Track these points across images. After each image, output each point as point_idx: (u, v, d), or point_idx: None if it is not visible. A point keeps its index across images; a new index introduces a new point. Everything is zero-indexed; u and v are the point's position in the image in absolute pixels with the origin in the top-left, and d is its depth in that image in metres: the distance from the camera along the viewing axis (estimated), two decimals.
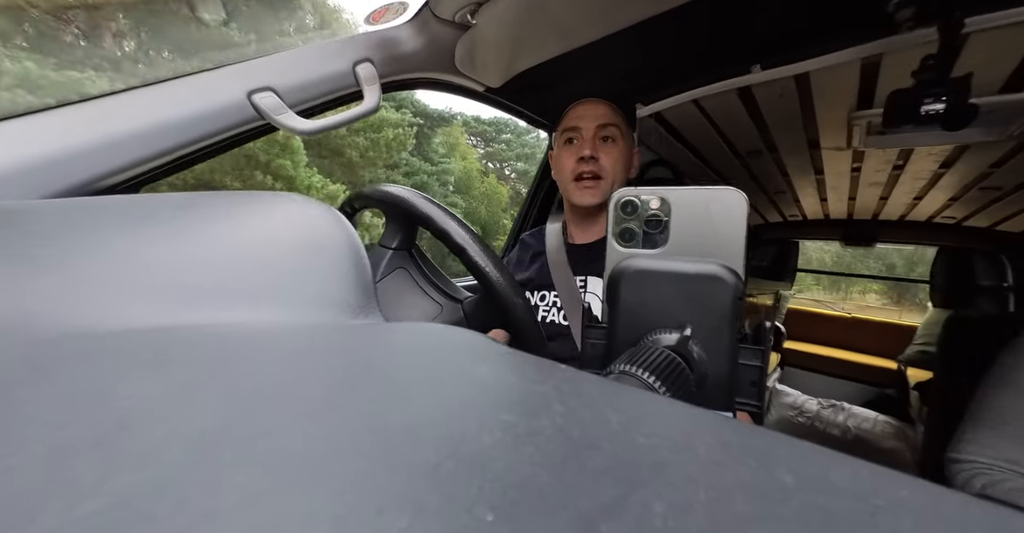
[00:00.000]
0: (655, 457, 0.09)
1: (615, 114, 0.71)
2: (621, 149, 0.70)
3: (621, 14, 0.63)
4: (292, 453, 0.08)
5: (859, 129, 1.08)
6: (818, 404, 2.03)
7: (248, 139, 0.52)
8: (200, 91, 0.47)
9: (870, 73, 0.83)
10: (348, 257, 0.23)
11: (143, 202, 0.24)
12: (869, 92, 0.91)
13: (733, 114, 1.06)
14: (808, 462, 0.10)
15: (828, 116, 1.05)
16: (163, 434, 0.08)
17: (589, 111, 0.70)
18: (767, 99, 0.97)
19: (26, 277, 0.16)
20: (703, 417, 0.12)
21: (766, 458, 0.10)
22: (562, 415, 0.11)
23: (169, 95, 0.45)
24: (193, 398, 0.10)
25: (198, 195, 0.26)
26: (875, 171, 1.47)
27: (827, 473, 0.09)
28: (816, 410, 2.00)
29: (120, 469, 0.07)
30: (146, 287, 0.17)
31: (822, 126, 1.12)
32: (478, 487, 0.07)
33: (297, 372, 0.12)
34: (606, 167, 0.69)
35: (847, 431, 1.86)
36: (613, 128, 0.69)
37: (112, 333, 0.14)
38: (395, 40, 0.61)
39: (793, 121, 1.09)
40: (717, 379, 0.23)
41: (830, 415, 1.95)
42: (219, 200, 0.25)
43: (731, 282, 0.22)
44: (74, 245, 0.19)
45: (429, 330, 0.17)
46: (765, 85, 0.86)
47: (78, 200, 0.25)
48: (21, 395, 0.10)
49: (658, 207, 0.25)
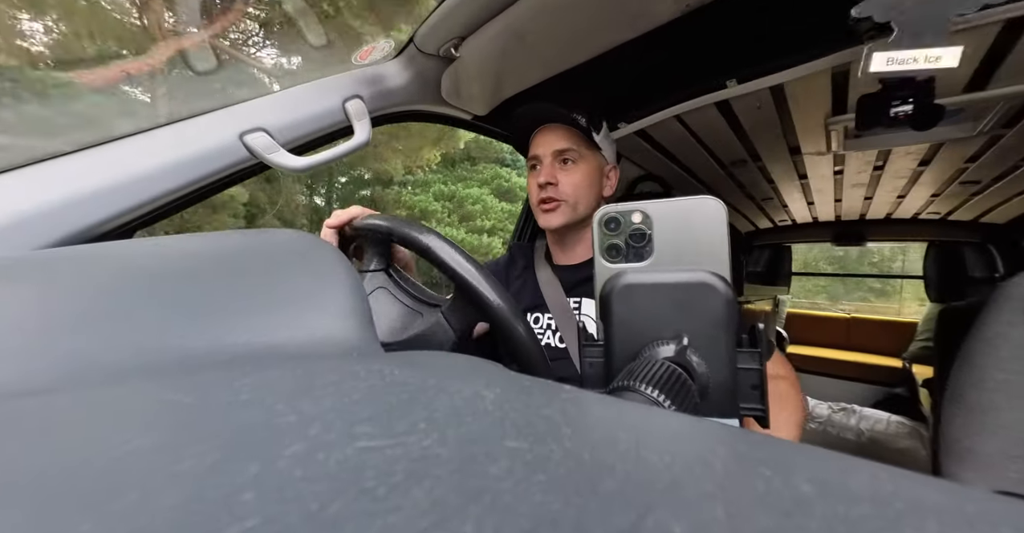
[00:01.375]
0: (669, 475, 0.09)
1: (573, 137, 0.71)
2: (584, 170, 0.71)
3: (598, 40, 0.66)
4: (292, 486, 0.08)
5: (837, 133, 1.11)
6: (829, 408, 2.00)
7: (241, 179, 0.53)
8: (193, 135, 0.48)
9: (841, 80, 0.87)
10: (345, 289, 0.23)
11: (138, 247, 0.24)
12: (842, 98, 0.95)
13: (714, 126, 1.10)
14: (825, 469, 0.10)
15: (806, 123, 1.09)
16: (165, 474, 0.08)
17: (547, 137, 0.72)
18: (746, 110, 1.01)
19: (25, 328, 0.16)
20: (713, 429, 0.12)
21: (782, 468, 0.10)
22: (570, 438, 0.10)
23: (163, 140, 0.46)
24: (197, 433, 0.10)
25: (192, 237, 0.26)
26: (857, 173, 1.51)
27: (846, 480, 0.09)
28: (827, 414, 1.96)
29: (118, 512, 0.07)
30: (144, 335, 0.17)
31: (801, 133, 1.15)
32: (488, 521, 0.07)
33: (298, 407, 0.11)
34: (565, 190, 0.70)
35: (860, 434, 1.83)
36: (571, 152, 0.70)
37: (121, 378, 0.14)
38: (383, 76, 0.64)
39: (773, 130, 1.13)
40: (719, 386, 0.22)
41: (842, 419, 1.92)
42: (216, 240, 0.25)
43: (720, 288, 0.23)
44: (67, 294, 0.19)
45: (429, 358, 0.17)
46: (742, 98, 0.89)
47: (73, 249, 0.25)
48: None
49: (640, 221, 0.25)
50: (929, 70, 0.54)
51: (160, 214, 0.46)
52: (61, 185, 0.39)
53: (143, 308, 0.18)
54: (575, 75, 0.73)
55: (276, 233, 0.27)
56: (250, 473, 0.08)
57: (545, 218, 0.72)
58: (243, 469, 0.08)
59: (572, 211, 0.71)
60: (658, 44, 0.67)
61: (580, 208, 0.71)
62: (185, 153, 0.46)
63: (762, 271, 2.58)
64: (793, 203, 1.94)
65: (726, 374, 0.22)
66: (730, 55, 0.78)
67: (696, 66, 0.82)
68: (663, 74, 0.85)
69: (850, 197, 1.81)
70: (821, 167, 1.44)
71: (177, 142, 0.46)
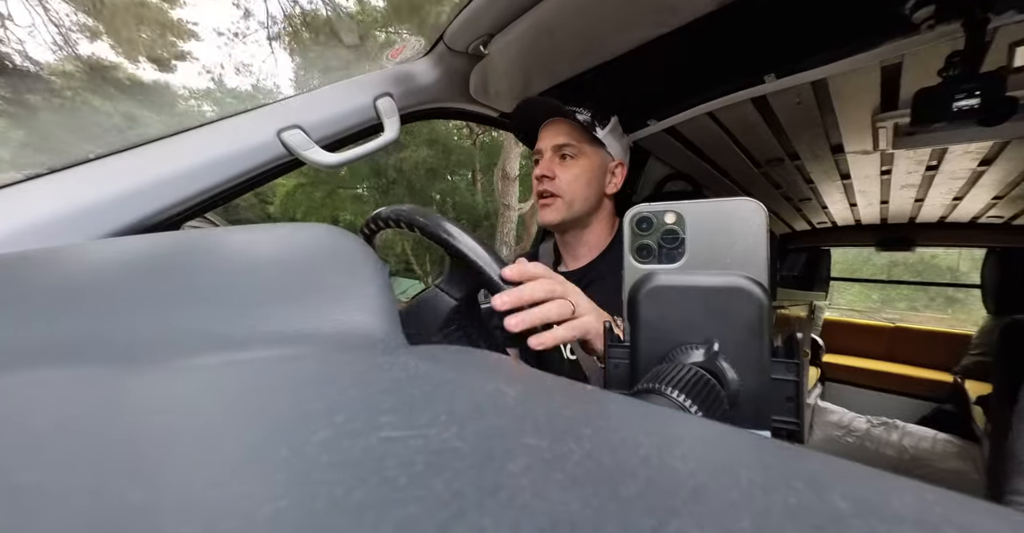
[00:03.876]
0: (692, 482, 0.09)
1: (574, 132, 0.69)
2: (582, 166, 0.69)
3: (628, 36, 0.64)
4: (319, 471, 0.08)
5: (885, 131, 1.05)
6: (867, 422, 1.88)
7: (277, 174, 0.55)
8: (235, 132, 0.50)
9: (892, 74, 0.81)
10: (372, 282, 0.23)
11: (184, 238, 0.26)
12: (892, 93, 0.89)
13: (749, 123, 1.05)
14: (863, 486, 0.09)
15: (851, 120, 1.03)
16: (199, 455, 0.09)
17: (549, 131, 0.70)
18: (784, 107, 0.96)
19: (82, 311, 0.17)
20: (741, 438, 0.12)
21: (815, 482, 0.09)
22: (590, 439, 0.10)
23: (208, 137, 0.49)
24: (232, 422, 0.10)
25: (231, 230, 0.28)
26: (907, 173, 1.41)
27: (886, 498, 0.09)
28: (866, 429, 1.85)
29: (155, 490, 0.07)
30: (187, 320, 0.18)
31: (845, 130, 1.09)
32: (505, 517, 0.07)
33: (326, 395, 0.12)
34: (561, 185, 0.68)
35: (903, 451, 1.72)
36: (570, 147, 0.69)
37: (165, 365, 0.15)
38: (412, 74, 0.65)
39: (813, 127, 1.07)
40: (750, 396, 0.22)
41: (882, 434, 1.81)
42: (252, 234, 0.26)
43: (756, 294, 0.22)
44: (121, 281, 0.20)
45: (451, 353, 0.17)
46: (781, 93, 0.85)
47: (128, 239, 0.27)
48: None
49: (674, 222, 0.25)
50: None
51: (204, 208, 0.49)
52: (118, 180, 0.42)
53: (187, 296, 0.19)
54: (603, 72, 0.72)
55: (307, 227, 0.28)
56: (282, 456, 0.09)
57: (542, 213, 0.71)
58: (276, 452, 0.09)
59: (568, 207, 0.69)
60: (691, 39, 0.65)
61: (577, 205, 0.69)
62: (228, 150, 0.48)
63: (798, 275, 2.46)
64: (834, 204, 1.84)
65: (759, 384, 0.22)
66: (769, 49, 0.75)
67: (732, 61, 0.79)
68: (696, 70, 0.82)
69: (899, 199, 1.70)
70: (866, 167, 1.36)
71: (220, 139, 0.49)
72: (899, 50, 0.67)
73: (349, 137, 0.60)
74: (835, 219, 2.13)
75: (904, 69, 0.79)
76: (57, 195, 0.39)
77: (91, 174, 0.42)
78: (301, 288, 0.21)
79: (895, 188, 1.56)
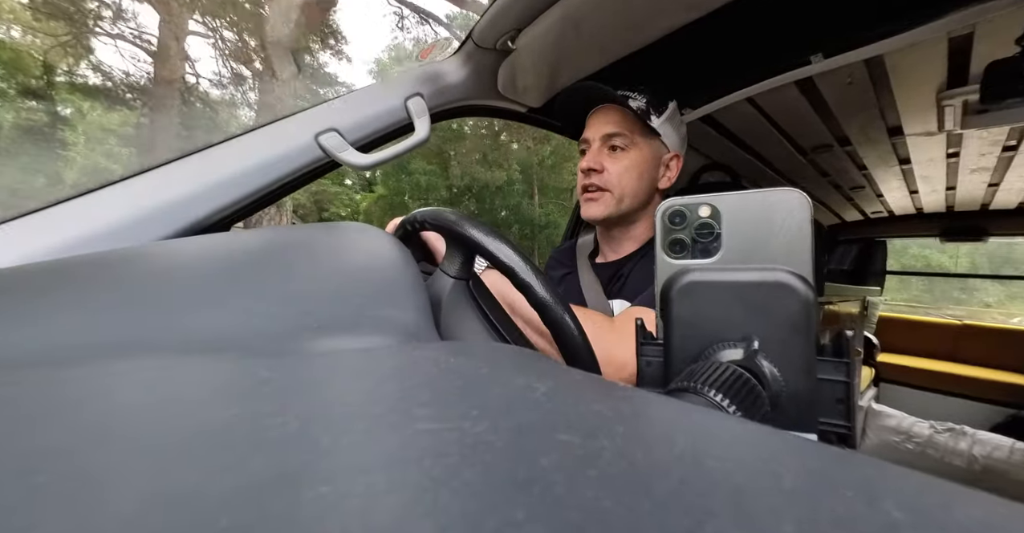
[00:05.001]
0: (730, 484, 0.09)
1: (626, 120, 0.64)
2: (634, 158, 0.64)
3: (661, 22, 0.62)
4: (358, 459, 0.08)
5: (952, 110, 0.95)
6: (931, 428, 1.73)
7: (315, 176, 0.57)
8: (276, 137, 0.53)
9: (961, 46, 0.73)
10: (406, 280, 0.24)
11: (233, 239, 0.28)
12: (961, 67, 0.80)
13: (793, 108, 0.99)
14: (923, 496, 0.09)
15: (911, 99, 0.94)
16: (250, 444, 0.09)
17: (598, 119, 0.66)
18: (833, 88, 0.90)
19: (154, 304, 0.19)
20: (785, 440, 0.11)
21: (867, 489, 0.09)
22: (623, 436, 0.10)
23: (252, 143, 0.51)
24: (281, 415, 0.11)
25: (276, 230, 0.30)
26: (979, 155, 1.28)
27: (950, 510, 0.08)
28: (928, 435, 1.71)
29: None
30: (237, 315, 0.20)
31: (904, 111, 1.00)
32: (538, 511, 0.07)
33: (363, 388, 0.12)
34: (610, 179, 0.64)
35: (973, 461, 1.57)
36: (622, 137, 0.64)
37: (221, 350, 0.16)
38: (442, 73, 0.66)
39: (867, 109, 0.99)
40: (794, 397, 0.20)
41: (948, 441, 1.66)
42: (295, 233, 0.28)
43: (799, 289, 0.20)
44: (181, 279, 0.22)
45: (483, 349, 0.18)
46: (830, 74, 0.79)
47: (186, 240, 0.29)
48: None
49: (708, 215, 0.24)
50: None
51: (251, 209, 0.52)
52: (176, 186, 0.46)
53: (237, 293, 0.21)
54: (635, 60, 0.70)
55: (346, 226, 0.29)
56: (323, 444, 0.09)
57: (586, 208, 0.67)
58: (318, 440, 0.09)
59: (616, 203, 0.65)
60: (728, 21, 0.61)
61: (627, 200, 0.65)
62: (271, 154, 0.51)
63: (848, 269, 2.30)
64: (891, 192, 1.70)
65: (804, 384, 0.20)
66: (815, 27, 0.70)
67: (773, 43, 0.74)
68: (734, 54, 0.77)
69: (968, 184, 1.55)
70: (930, 150, 1.24)
71: (264, 144, 0.52)
72: (971, 18, 0.60)
73: (382, 138, 0.61)
74: (892, 208, 1.96)
75: (976, 39, 0.71)
76: (125, 201, 0.43)
77: (153, 181, 0.45)
78: (340, 284, 0.22)
79: (964, 172, 1.42)
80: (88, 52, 7.94)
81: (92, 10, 7.88)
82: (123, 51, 7.82)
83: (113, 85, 8.63)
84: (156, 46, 7.35)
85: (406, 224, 0.46)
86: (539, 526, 0.07)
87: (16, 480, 0.08)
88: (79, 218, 0.40)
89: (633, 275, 0.66)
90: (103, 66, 8.29)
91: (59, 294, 0.20)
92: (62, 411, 0.11)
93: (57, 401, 0.12)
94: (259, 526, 0.07)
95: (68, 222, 0.40)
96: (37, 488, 0.08)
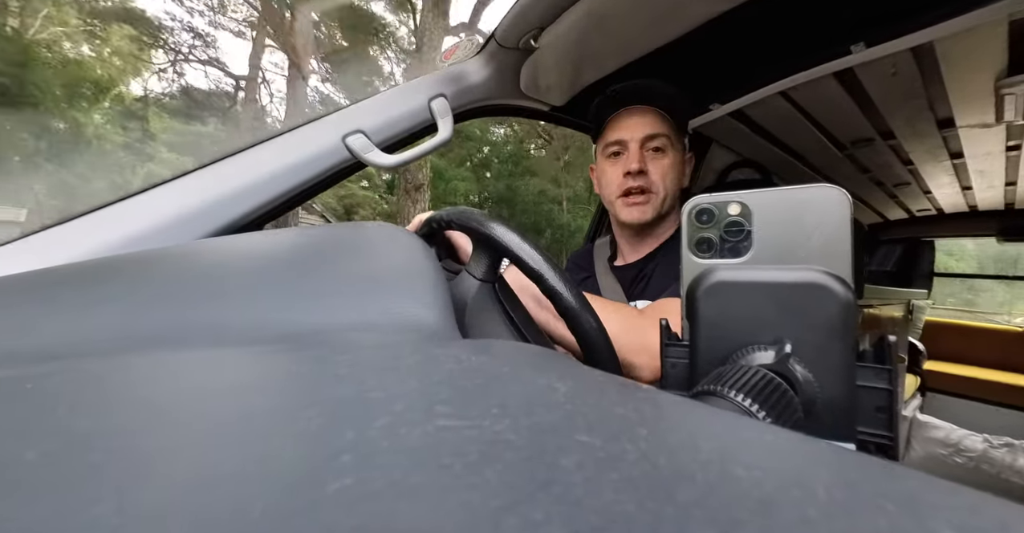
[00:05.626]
0: (759, 493, 0.08)
1: (664, 122, 0.65)
2: (672, 160, 0.65)
3: (689, 14, 0.60)
4: (380, 454, 0.09)
5: (1013, 99, 0.88)
6: (985, 441, 1.61)
7: (342, 177, 0.59)
8: (305, 139, 0.55)
9: (1023, 30, 0.68)
10: (428, 278, 0.24)
11: (265, 238, 0.29)
12: (1021, 53, 0.74)
13: (831, 101, 0.94)
14: (978, 514, 0.08)
15: (965, 89, 0.88)
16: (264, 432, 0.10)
17: (635, 120, 0.65)
18: (875, 79, 0.85)
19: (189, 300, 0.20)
20: (820, 448, 0.11)
21: (912, 504, 0.08)
22: (646, 439, 0.10)
23: (283, 145, 0.53)
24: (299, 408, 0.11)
25: (304, 229, 0.31)
26: None
27: (1004, 530, 0.07)
28: (982, 449, 1.59)
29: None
30: (269, 311, 0.20)
31: (957, 101, 0.93)
32: (558, 512, 0.07)
33: (385, 384, 0.12)
34: (655, 180, 0.64)
35: None
36: (662, 138, 0.64)
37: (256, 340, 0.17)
38: (465, 73, 0.66)
39: (914, 99, 0.93)
40: (830, 404, 0.19)
41: (1005, 457, 1.54)
42: (323, 232, 0.29)
43: (837, 290, 0.19)
44: (220, 276, 0.23)
45: (503, 347, 0.18)
46: (872, 64, 0.75)
47: (223, 239, 0.30)
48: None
49: (738, 213, 0.23)
50: None
51: (283, 209, 0.54)
52: (213, 188, 0.48)
53: (269, 289, 0.22)
54: (661, 56, 0.68)
55: (370, 226, 0.30)
56: (347, 438, 0.09)
57: (631, 212, 0.65)
58: (342, 434, 0.10)
59: (661, 205, 0.65)
60: (761, 11, 0.59)
61: (668, 202, 0.66)
62: (301, 156, 0.53)
63: (891, 270, 2.17)
64: (940, 188, 1.59)
65: (841, 391, 0.19)
66: (856, 15, 0.66)
67: (810, 33, 0.70)
68: (767, 46, 0.74)
69: None
70: (986, 142, 1.15)
71: (294, 146, 0.54)
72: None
73: (406, 139, 0.62)
74: (941, 205, 1.84)
75: None
76: (167, 203, 0.45)
77: (192, 184, 0.48)
78: (364, 282, 0.23)
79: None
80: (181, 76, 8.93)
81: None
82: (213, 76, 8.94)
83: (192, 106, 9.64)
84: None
85: (431, 222, 0.46)
86: (559, 527, 0.07)
87: (75, 458, 0.08)
88: (126, 219, 0.43)
89: (656, 274, 0.65)
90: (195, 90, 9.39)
91: (113, 288, 0.21)
92: (109, 397, 0.12)
93: (106, 387, 0.12)
94: (288, 515, 0.07)
95: (116, 223, 0.43)
96: (95, 466, 0.08)
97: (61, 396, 0.12)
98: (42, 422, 0.10)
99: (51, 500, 0.07)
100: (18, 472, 0.08)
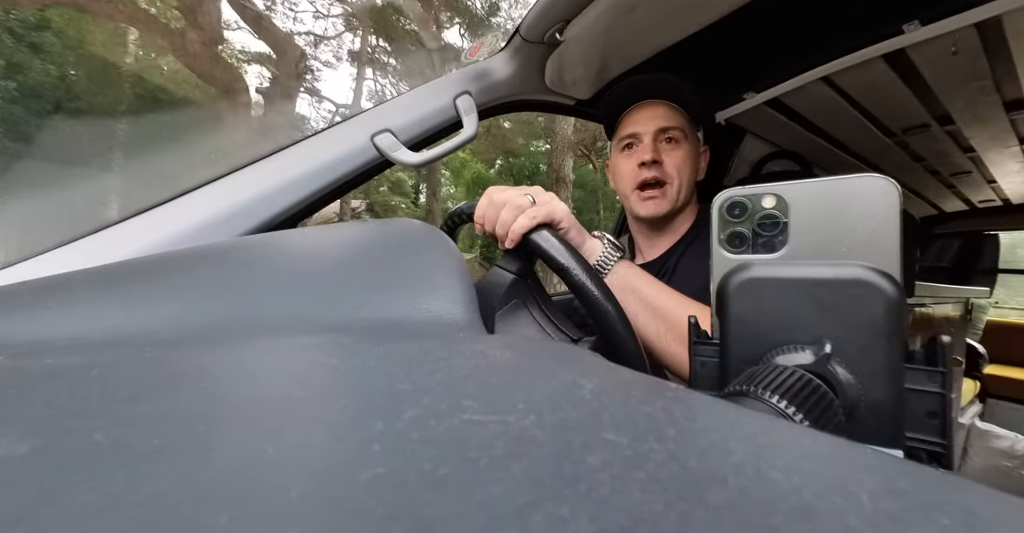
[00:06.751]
0: (797, 499, 0.08)
1: (676, 114, 0.64)
2: (686, 151, 0.64)
3: (719, 2, 0.57)
4: (409, 446, 0.09)
5: None
6: None
7: (371, 175, 0.61)
8: (336, 139, 0.56)
9: None
10: (454, 274, 0.25)
11: (300, 235, 0.30)
12: None
13: (880, 85, 0.87)
14: None
15: None
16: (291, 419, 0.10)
17: (647, 114, 0.65)
18: (933, 60, 0.78)
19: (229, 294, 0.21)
20: (863, 454, 0.10)
21: (969, 517, 0.07)
22: (675, 439, 0.10)
23: (315, 146, 0.55)
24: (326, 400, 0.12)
25: (336, 226, 0.32)
26: None
27: None
28: None
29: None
30: (304, 305, 0.21)
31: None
32: (584, 509, 0.07)
33: (414, 378, 0.13)
34: (670, 171, 0.63)
35: None
36: (676, 130, 0.64)
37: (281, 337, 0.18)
38: (490, 70, 0.66)
39: (976, 81, 0.85)
40: (875, 408, 0.18)
41: None
42: (352, 229, 0.30)
43: (883, 287, 0.18)
44: (258, 271, 0.24)
45: (529, 344, 0.18)
46: (927, 44, 0.69)
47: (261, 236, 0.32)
48: None
49: (773, 206, 0.22)
50: None
51: (315, 208, 0.56)
52: (249, 188, 0.50)
53: (304, 285, 0.23)
54: (691, 45, 0.65)
55: (399, 223, 0.31)
56: (378, 429, 0.10)
57: (646, 206, 0.65)
58: (373, 425, 0.10)
59: (676, 197, 0.64)
60: None
61: (683, 194, 0.65)
62: (332, 155, 0.55)
63: (947, 266, 2.01)
64: (1006, 177, 1.46)
65: (887, 394, 0.18)
66: None
67: (857, 12, 0.66)
68: (807, 28, 0.70)
69: None
70: None
71: (326, 146, 0.55)
72: None
73: (432, 136, 0.63)
74: (1007, 195, 1.68)
75: None
76: (209, 203, 0.48)
77: (231, 184, 0.50)
78: (392, 278, 0.24)
79: None
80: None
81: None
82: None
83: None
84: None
85: (456, 216, 0.47)
86: (585, 524, 0.07)
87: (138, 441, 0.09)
88: (169, 220, 0.46)
89: (680, 268, 0.64)
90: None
91: (167, 282, 0.23)
92: (165, 385, 0.13)
93: (162, 375, 0.13)
94: (323, 501, 0.07)
95: (161, 224, 0.46)
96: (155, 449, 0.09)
97: (123, 383, 0.13)
98: (105, 407, 0.11)
99: (119, 477, 0.08)
100: (88, 452, 0.09)
